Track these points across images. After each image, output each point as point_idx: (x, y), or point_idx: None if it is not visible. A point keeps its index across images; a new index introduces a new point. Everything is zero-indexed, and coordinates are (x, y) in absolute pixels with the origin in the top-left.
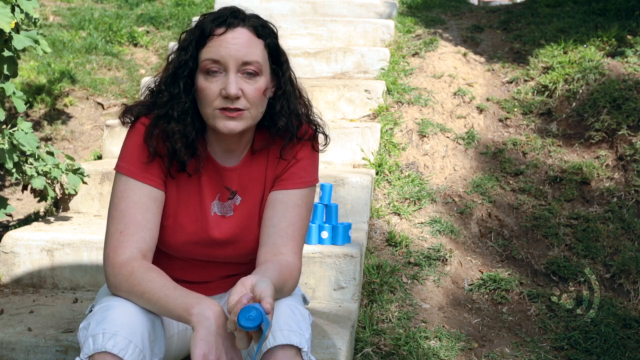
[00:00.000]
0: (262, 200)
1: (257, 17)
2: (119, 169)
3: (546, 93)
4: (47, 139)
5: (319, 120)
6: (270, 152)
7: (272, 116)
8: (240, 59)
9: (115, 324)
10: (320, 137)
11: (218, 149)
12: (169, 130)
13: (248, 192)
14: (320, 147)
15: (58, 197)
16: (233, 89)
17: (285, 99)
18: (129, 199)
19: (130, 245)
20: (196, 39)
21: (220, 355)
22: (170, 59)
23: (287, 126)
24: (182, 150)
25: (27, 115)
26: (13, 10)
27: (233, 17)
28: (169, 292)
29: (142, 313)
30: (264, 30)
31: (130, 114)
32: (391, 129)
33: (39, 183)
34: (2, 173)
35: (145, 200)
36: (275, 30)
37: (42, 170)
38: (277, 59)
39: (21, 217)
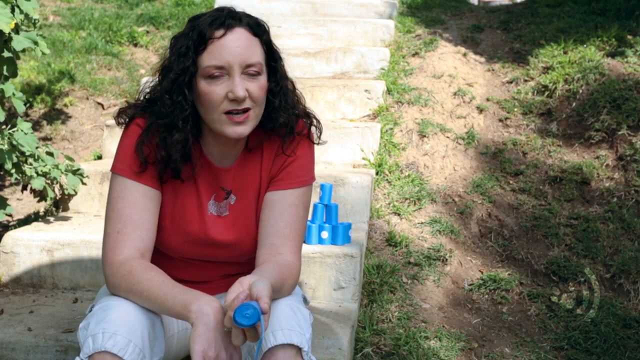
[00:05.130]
0: (258, 200)
1: (249, 15)
2: (114, 169)
3: (546, 93)
4: (46, 139)
5: (312, 111)
6: (265, 152)
7: (269, 113)
8: (244, 62)
9: (115, 323)
10: (315, 131)
11: (214, 150)
12: (173, 141)
13: (243, 192)
14: (316, 140)
15: (57, 198)
16: (241, 92)
17: (283, 94)
18: (125, 199)
19: (128, 244)
20: (195, 43)
21: (220, 352)
22: (164, 64)
23: (288, 121)
24: (177, 158)
25: (26, 115)
26: (13, 11)
27: (230, 18)
28: (167, 289)
29: (142, 312)
30: (259, 29)
31: (125, 115)
32: (391, 129)
33: (38, 183)
34: (1, 173)
35: (142, 199)
36: (267, 28)
37: (41, 170)
38: (272, 55)
39: (21, 217)
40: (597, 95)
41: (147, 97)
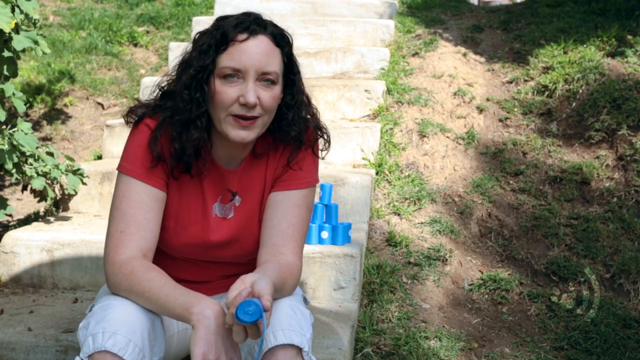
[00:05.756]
0: (262, 201)
1: (274, 25)
2: (121, 168)
3: (546, 93)
4: (47, 139)
5: (324, 126)
6: (271, 154)
7: (280, 123)
8: (261, 69)
9: (115, 322)
10: (321, 142)
11: (221, 152)
12: (189, 137)
13: (248, 193)
14: (320, 153)
15: (58, 198)
16: (252, 98)
17: (297, 108)
18: (130, 198)
19: (130, 244)
20: (217, 42)
21: (220, 355)
22: (185, 59)
23: (299, 136)
24: (191, 153)
25: (27, 115)
26: (13, 11)
27: (256, 24)
28: (169, 291)
29: (142, 312)
30: (282, 40)
31: (134, 114)
32: (391, 129)
33: (38, 183)
34: (2, 173)
35: (147, 200)
36: (291, 40)
37: (41, 170)
38: (291, 68)
39: (21, 217)
40: (597, 95)
41: (164, 89)
